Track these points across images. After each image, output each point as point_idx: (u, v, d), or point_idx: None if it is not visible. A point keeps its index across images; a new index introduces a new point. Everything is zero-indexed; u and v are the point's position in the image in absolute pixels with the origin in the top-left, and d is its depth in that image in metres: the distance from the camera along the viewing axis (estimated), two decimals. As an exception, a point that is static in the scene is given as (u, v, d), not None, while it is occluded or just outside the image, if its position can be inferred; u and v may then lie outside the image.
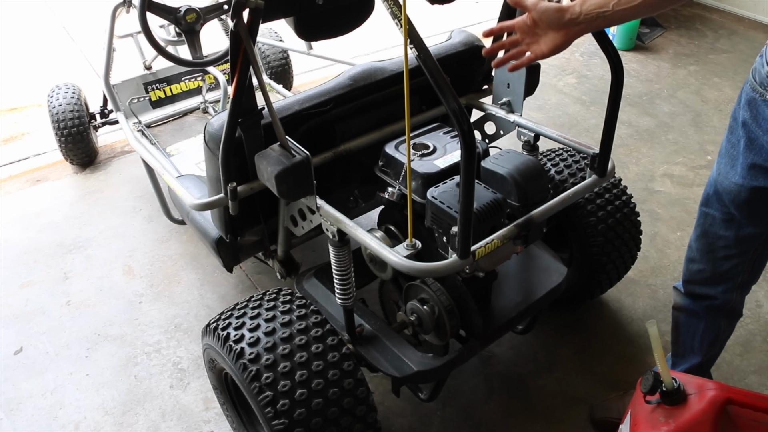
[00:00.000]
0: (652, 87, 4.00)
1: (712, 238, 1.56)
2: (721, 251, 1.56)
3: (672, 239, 2.74)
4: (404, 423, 2.01)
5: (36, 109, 3.94)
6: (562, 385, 2.12)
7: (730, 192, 1.44)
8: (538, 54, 1.30)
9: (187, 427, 2.02)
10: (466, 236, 1.33)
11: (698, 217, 1.60)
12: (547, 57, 1.30)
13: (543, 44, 1.28)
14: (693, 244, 1.64)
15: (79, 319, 2.42)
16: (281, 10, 1.52)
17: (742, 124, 1.37)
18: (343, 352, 1.54)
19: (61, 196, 3.11)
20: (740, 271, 1.58)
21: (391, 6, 1.18)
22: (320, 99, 1.74)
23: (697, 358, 1.78)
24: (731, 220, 1.49)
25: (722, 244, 1.55)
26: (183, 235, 2.81)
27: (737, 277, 1.60)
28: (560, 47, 1.29)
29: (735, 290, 1.63)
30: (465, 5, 5.32)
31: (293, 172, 1.47)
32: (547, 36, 1.28)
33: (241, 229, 1.84)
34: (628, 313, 2.39)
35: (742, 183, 1.40)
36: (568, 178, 2.05)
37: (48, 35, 4.97)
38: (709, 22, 4.92)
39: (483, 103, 2.07)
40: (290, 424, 1.43)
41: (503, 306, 1.78)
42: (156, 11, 2.33)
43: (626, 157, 3.31)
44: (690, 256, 1.67)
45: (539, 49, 1.30)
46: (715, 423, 1.22)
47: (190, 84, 3.18)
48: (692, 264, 1.66)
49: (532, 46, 1.31)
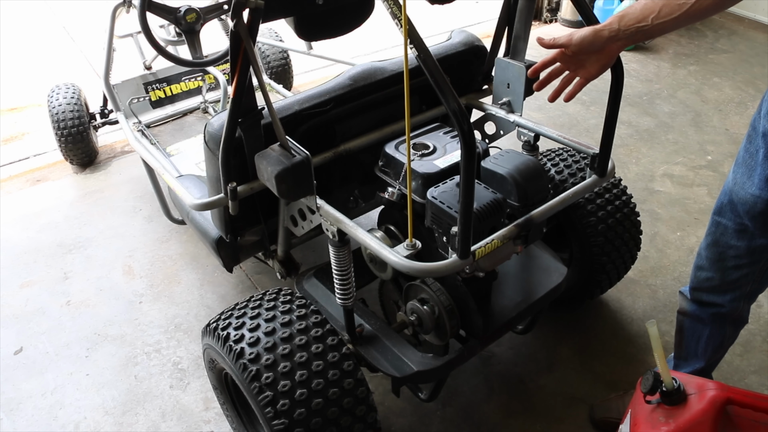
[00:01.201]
0: (652, 87, 4.00)
1: (723, 247, 1.54)
2: (731, 261, 1.54)
3: (672, 239, 2.74)
4: (404, 423, 2.01)
5: (36, 109, 3.94)
6: (562, 385, 2.12)
7: (746, 203, 1.40)
8: (588, 78, 1.34)
9: (187, 427, 2.02)
10: (466, 236, 1.33)
11: (710, 226, 1.58)
12: (597, 77, 1.34)
13: (590, 67, 1.32)
14: (703, 252, 1.62)
15: (79, 319, 2.42)
16: (281, 10, 1.52)
17: (762, 135, 1.33)
18: (343, 352, 1.54)
19: (61, 196, 3.11)
20: (749, 281, 1.57)
21: (391, 6, 1.18)
22: (320, 99, 1.74)
23: (701, 363, 1.78)
24: (744, 230, 1.47)
25: (733, 254, 1.53)
26: (183, 235, 2.81)
27: (746, 286, 1.58)
28: (607, 65, 1.33)
29: (743, 299, 1.62)
30: (465, 5, 5.32)
31: (293, 172, 1.47)
32: (591, 58, 1.31)
33: (241, 229, 1.84)
34: (628, 313, 2.39)
35: (759, 194, 1.36)
36: (568, 178, 2.05)
37: (48, 35, 4.97)
38: (709, 22, 4.92)
39: (483, 103, 2.07)
40: (290, 424, 1.43)
41: (503, 306, 1.78)
42: (156, 11, 2.33)
43: (626, 157, 3.31)
44: (699, 263, 1.65)
45: (588, 73, 1.33)
46: (715, 423, 1.22)
47: (190, 84, 3.18)
48: (701, 272, 1.65)
49: (579, 72, 1.35)
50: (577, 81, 1.38)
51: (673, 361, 1.86)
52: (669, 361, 1.87)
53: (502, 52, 1.94)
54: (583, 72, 1.35)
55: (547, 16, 5.02)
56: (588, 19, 1.46)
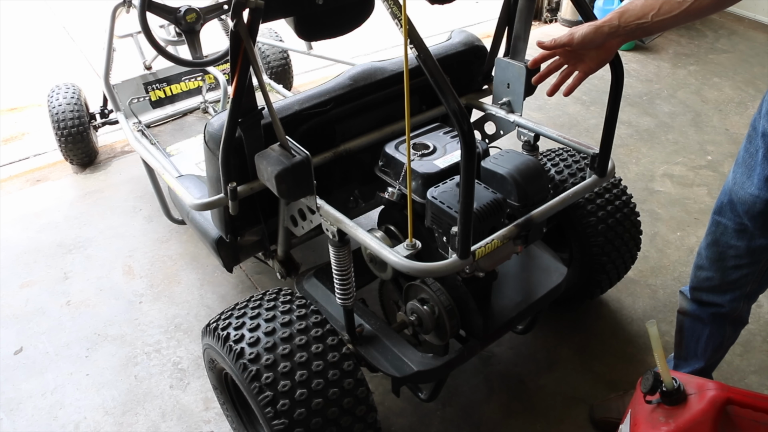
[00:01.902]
0: (652, 87, 4.00)
1: (723, 247, 1.54)
2: (731, 261, 1.54)
3: (672, 239, 2.74)
4: (404, 423, 2.01)
5: (36, 109, 3.94)
6: (562, 385, 2.12)
7: (745, 202, 1.40)
8: (587, 71, 1.36)
9: (187, 427, 2.02)
10: (466, 236, 1.33)
11: (710, 225, 1.58)
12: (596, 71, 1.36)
13: (589, 61, 1.34)
14: (703, 252, 1.63)
15: (79, 319, 2.42)
16: (281, 10, 1.52)
17: (762, 135, 1.33)
18: (343, 352, 1.54)
19: (61, 196, 3.11)
20: (749, 281, 1.57)
21: (391, 6, 1.18)
22: (320, 99, 1.75)
23: (700, 363, 1.78)
24: (744, 230, 1.47)
25: (733, 253, 1.53)
26: (183, 235, 2.81)
27: (746, 286, 1.58)
28: (606, 60, 1.35)
29: (742, 299, 1.62)
30: (465, 5, 5.32)
31: (293, 172, 1.47)
32: (590, 53, 1.33)
33: (241, 229, 1.84)
34: (628, 313, 2.39)
35: (758, 194, 1.36)
36: (568, 178, 2.05)
37: (48, 35, 4.97)
38: (709, 22, 4.92)
39: (483, 103, 2.07)
40: (290, 424, 1.43)
41: (503, 306, 1.78)
42: (156, 11, 2.33)
43: (626, 157, 3.31)
44: (699, 263, 1.65)
45: (587, 67, 1.35)
46: (715, 423, 1.22)
47: (190, 84, 3.18)
48: (701, 271, 1.65)
49: (578, 66, 1.37)
50: (576, 75, 1.39)
51: (673, 361, 1.86)
52: (669, 361, 1.87)
53: (502, 52, 1.94)
54: (582, 66, 1.36)
55: (547, 16, 5.02)
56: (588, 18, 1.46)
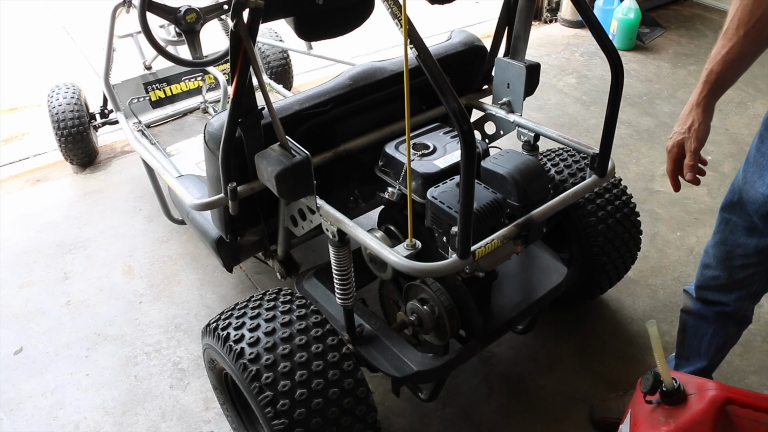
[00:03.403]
0: (652, 87, 4.00)
1: (731, 245, 1.54)
2: (738, 260, 1.54)
3: (672, 239, 2.74)
4: (404, 423, 2.01)
5: (36, 109, 3.94)
6: (562, 385, 2.12)
7: (755, 202, 1.39)
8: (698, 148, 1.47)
9: (187, 427, 2.02)
10: (466, 236, 1.33)
11: (718, 224, 1.58)
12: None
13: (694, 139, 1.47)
14: (710, 251, 1.62)
15: (79, 319, 2.42)
16: (281, 10, 1.52)
17: None
18: (343, 352, 1.54)
19: (61, 196, 3.11)
20: (755, 280, 1.56)
21: (391, 6, 1.18)
22: (320, 99, 1.75)
23: (703, 363, 1.77)
24: (753, 229, 1.47)
25: (741, 252, 1.52)
26: (183, 235, 2.81)
27: (752, 285, 1.58)
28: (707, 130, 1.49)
29: (748, 298, 1.62)
30: (465, 5, 5.32)
31: (293, 172, 1.47)
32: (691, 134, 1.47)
33: (241, 229, 1.84)
34: (628, 313, 2.39)
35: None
36: (568, 178, 2.05)
37: (48, 35, 4.97)
38: (709, 22, 4.92)
39: (483, 103, 2.07)
40: (290, 424, 1.43)
41: (503, 306, 1.78)
42: (156, 11, 2.33)
43: (626, 157, 3.31)
44: (706, 261, 1.65)
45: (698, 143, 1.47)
46: (715, 423, 1.22)
47: (190, 84, 3.18)
48: (707, 270, 1.64)
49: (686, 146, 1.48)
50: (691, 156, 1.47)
51: (674, 361, 1.86)
52: (669, 361, 1.87)
53: (502, 52, 1.95)
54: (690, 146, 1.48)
55: (547, 16, 5.02)
56: (588, 19, 1.46)
